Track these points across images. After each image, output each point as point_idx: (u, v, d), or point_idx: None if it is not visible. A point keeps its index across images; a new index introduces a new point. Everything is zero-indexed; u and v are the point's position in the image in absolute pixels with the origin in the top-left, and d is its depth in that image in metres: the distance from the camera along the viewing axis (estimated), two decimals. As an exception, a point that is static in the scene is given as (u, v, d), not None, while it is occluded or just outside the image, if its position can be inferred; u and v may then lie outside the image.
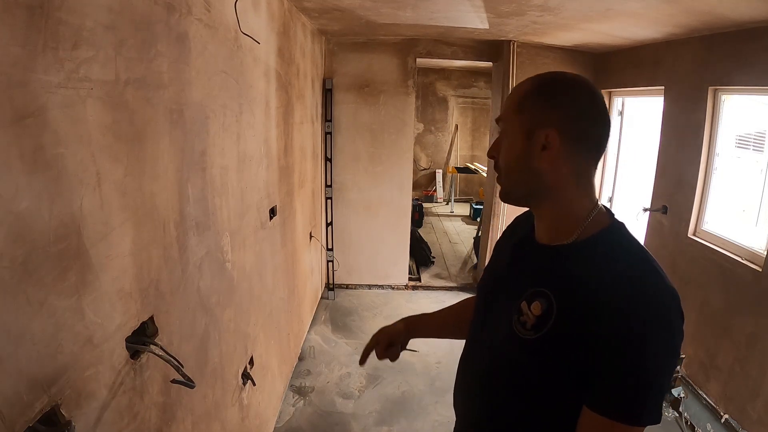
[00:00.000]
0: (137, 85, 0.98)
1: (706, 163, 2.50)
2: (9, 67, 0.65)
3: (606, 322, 0.65)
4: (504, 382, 0.79)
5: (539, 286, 0.75)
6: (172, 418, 1.19)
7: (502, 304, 0.82)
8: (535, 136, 0.74)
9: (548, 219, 0.79)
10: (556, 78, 0.76)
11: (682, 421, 2.40)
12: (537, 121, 0.74)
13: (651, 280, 0.69)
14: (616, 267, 0.70)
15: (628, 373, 0.65)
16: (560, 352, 0.70)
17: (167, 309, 1.15)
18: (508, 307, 0.79)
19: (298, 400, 2.55)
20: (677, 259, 2.65)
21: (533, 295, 0.74)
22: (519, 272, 0.82)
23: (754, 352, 2.07)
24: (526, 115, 0.75)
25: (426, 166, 7.77)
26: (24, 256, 0.69)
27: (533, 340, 0.72)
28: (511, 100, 0.78)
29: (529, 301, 0.74)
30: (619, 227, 0.77)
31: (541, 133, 0.73)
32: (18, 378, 0.68)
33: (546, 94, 0.75)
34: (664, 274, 0.70)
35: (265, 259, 2.09)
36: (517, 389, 0.77)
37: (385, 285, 4.09)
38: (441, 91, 7.50)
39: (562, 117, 0.73)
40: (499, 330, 0.80)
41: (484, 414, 0.85)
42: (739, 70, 2.24)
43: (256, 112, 1.89)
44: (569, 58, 3.58)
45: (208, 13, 1.35)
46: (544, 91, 0.75)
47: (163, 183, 1.12)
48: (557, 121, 0.73)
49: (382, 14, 2.72)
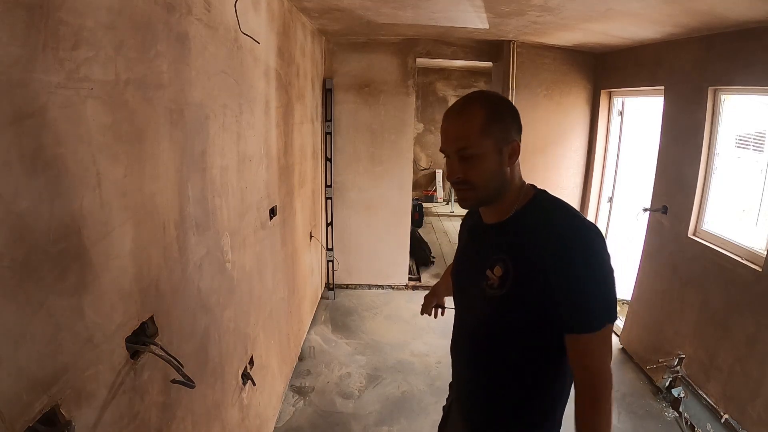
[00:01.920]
0: (137, 85, 0.98)
1: (706, 163, 2.50)
2: (9, 67, 0.65)
3: (552, 262, 0.86)
4: (484, 336, 1.00)
5: (496, 254, 0.95)
6: (172, 418, 1.19)
7: (471, 277, 1.02)
8: (503, 151, 0.93)
9: (497, 205, 0.98)
10: (494, 100, 0.95)
11: (682, 421, 2.40)
12: (503, 139, 0.92)
13: (576, 221, 0.91)
14: (549, 221, 0.92)
15: (580, 291, 0.85)
16: (523, 300, 0.90)
17: (167, 309, 1.15)
18: (476, 277, 0.99)
19: (298, 400, 2.55)
20: (677, 259, 2.65)
21: (493, 262, 0.95)
22: (478, 250, 1.04)
23: (754, 352, 2.07)
24: (492, 138, 0.91)
25: (426, 166, 7.77)
26: (24, 256, 0.69)
27: (500, 296, 0.93)
28: (468, 128, 0.91)
29: (492, 267, 0.95)
30: (542, 193, 0.99)
31: (507, 147, 0.93)
32: (18, 378, 0.68)
33: (500, 115, 0.93)
34: (582, 216, 0.94)
35: (265, 259, 2.09)
36: (494, 340, 0.98)
37: (385, 285, 4.09)
38: (441, 91, 7.50)
39: (515, 128, 0.95)
40: (474, 296, 1.00)
41: (473, 366, 1.05)
42: (739, 70, 2.24)
43: (256, 112, 1.89)
44: (569, 58, 3.58)
45: (208, 13, 1.35)
46: (497, 115, 0.93)
47: (163, 183, 1.12)
48: (515, 133, 0.94)
49: (382, 14, 2.72)
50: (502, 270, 0.93)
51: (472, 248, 1.07)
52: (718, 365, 2.28)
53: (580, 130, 3.77)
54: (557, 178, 3.83)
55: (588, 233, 0.88)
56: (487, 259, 0.96)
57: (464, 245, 1.14)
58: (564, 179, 3.85)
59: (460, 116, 0.93)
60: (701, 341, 2.42)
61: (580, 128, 3.77)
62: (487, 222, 1.02)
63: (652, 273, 2.93)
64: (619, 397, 2.64)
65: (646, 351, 2.88)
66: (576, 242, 0.86)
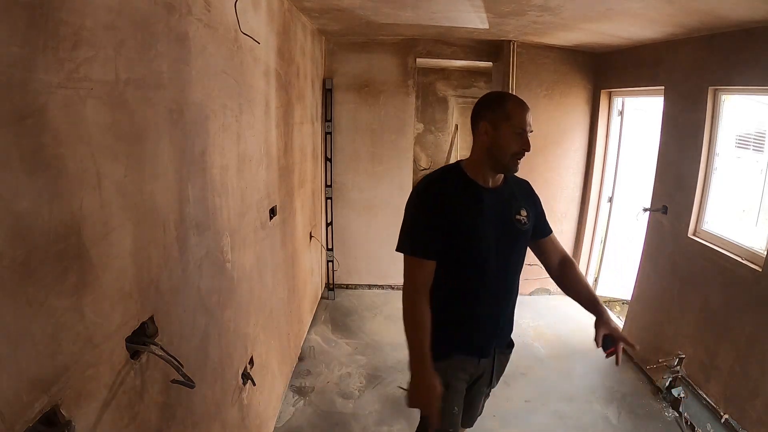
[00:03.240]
0: (137, 85, 0.98)
1: (706, 163, 2.50)
2: (9, 67, 0.65)
3: (532, 198, 1.50)
4: (518, 261, 1.45)
5: (517, 202, 1.42)
6: (172, 418, 1.19)
7: (501, 224, 1.38)
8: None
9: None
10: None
11: (682, 421, 2.40)
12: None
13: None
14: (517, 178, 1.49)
15: (543, 211, 1.54)
16: (534, 224, 1.46)
17: (167, 309, 1.15)
18: (506, 223, 1.39)
19: (298, 400, 2.54)
20: (677, 259, 2.65)
21: (518, 207, 1.41)
22: (499, 205, 1.39)
23: (754, 352, 2.07)
24: None
25: (426, 166, 7.76)
26: (24, 256, 0.69)
27: (528, 226, 1.43)
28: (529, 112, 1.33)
29: (518, 211, 1.41)
30: None
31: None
32: (18, 378, 0.68)
33: None
34: None
35: (265, 259, 2.09)
36: (522, 260, 1.47)
37: (385, 285, 4.09)
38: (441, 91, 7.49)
39: None
40: (509, 235, 1.39)
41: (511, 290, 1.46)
42: (739, 70, 2.24)
43: (256, 112, 1.89)
44: (569, 58, 3.58)
45: (208, 13, 1.35)
46: None
47: (163, 183, 1.12)
48: None
49: (382, 14, 2.72)
50: (526, 211, 1.42)
51: (491, 205, 1.36)
52: (718, 365, 2.28)
53: (580, 130, 3.77)
54: (557, 178, 3.83)
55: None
56: (512, 207, 1.40)
57: (479, 208, 1.35)
58: (564, 179, 3.85)
59: (525, 104, 1.33)
60: (701, 341, 2.42)
61: (580, 128, 3.77)
62: (493, 186, 1.39)
63: (652, 273, 2.93)
64: (619, 397, 2.65)
65: (646, 351, 2.87)
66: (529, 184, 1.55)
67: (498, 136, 1.30)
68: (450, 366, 1.40)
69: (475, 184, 1.37)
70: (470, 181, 1.37)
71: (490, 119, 1.31)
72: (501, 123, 1.30)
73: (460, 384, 1.44)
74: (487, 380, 1.54)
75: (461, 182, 1.37)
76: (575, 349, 3.16)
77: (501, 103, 1.32)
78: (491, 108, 1.32)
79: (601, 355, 1.35)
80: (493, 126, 1.31)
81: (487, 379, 1.54)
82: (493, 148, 1.32)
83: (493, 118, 1.31)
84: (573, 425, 2.43)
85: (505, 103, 1.32)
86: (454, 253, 1.35)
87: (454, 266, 1.36)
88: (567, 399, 2.64)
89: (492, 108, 1.32)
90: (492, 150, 1.32)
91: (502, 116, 1.30)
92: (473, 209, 1.35)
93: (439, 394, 1.30)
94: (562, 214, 3.91)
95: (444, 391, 1.33)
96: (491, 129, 1.31)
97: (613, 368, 2.91)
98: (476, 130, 1.36)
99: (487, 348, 1.46)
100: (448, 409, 1.38)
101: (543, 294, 4.06)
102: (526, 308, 3.75)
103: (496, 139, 1.31)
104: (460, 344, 1.42)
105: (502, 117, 1.30)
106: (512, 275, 1.45)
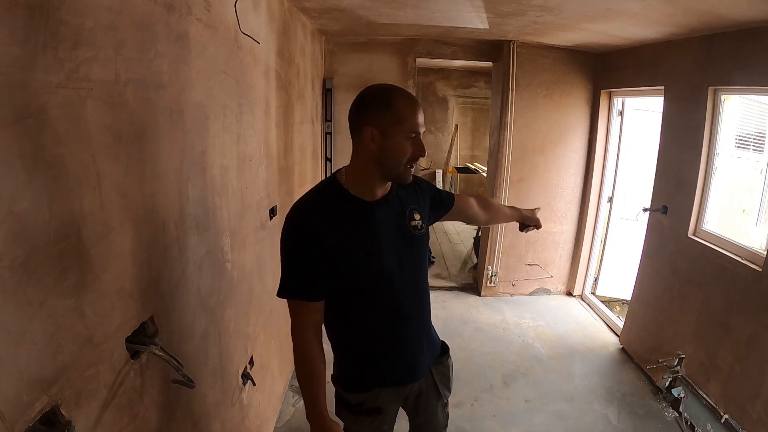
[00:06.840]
0: (137, 85, 0.98)
1: (706, 163, 2.50)
2: (9, 67, 0.65)
3: (417, 188, 1.33)
4: (421, 267, 1.31)
5: (408, 207, 1.26)
6: (172, 418, 1.19)
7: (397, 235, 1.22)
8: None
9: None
10: None
11: (682, 421, 2.40)
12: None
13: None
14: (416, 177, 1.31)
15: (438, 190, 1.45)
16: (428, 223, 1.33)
17: (167, 309, 1.15)
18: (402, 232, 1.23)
19: (298, 400, 2.54)
20: (677, 259, 2.65)
21: (410, 212, 1.25)
22: (389, 215, 1.21)
23: (754, 352, 2.07)
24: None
25: (426, 166, 7.77)
26: (24, 256, 0.69)
27: (424, 229, 1.29)
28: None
29: (411, 217, 1.25)
30: None
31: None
32: (18, 378, 0.68)
33: None
34: None
35: (265, 259, 2.09)
36: (425, 255, 1.33)
37: (385, 285, 4.08)
38: (441, 91, 7.50)
39: None
40: (407, 243, 1.23)
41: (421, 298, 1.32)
42: (739, 70, 2.24)
43: (256, 112, 1.89)
44: (569, 58, 3.58)
45: (208, 13, 1.35)
46: None
47: (163, 183, 1.12)
48: None
49: (382, 14, 2.72)
50: (419, 213, 1.27)
51: (383, 220, 1.19)
52: (718, 365, 2.28)
53: (580, 130, 3.77)
54: (557, 177, 3.83)
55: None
56: (403, 214, 1.24)
57: (373, 230, 1.17)
58: (564, 179, 3.85)
59: (416, 101, 1.16)
60: (701, 341, 2.42)
61: (580, 128, 3.77)
62: (381, 196, 1.20)
63: (652, 273, 2.93)
64: (619, 397, 2.65)
65: (646, 351, 2.88)
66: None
67: (388, 145, 1.09)
68: (380, 394, 1.29)
69: (362, 203, 1.16)
70: (354, 199, 1.15)
71: (377, 124, 1.08)
72: (391, 128, 1.08)
73: (393, 407, 1.36)
74: (434, 394, 1.40)
75: (343, 204, 1.15)
76: (575, 349, 3.16)
77: (388, 104, 1.08)
78: (377, 110, 1.08)
79: (602, 355, 1.37)
80: (382, 132, 1.08)
81: (434, 393, 1.39)
82: (383, 158, 1.10)
83: (380, 123, 1.08)
84: (573, 425, 2.43)
85: (393, 103, 1.08)
86: (351, 285, 1.17)
87: (354, 298, 1.20)
88: (567, 399, 2.64)
89: (378, 110, 1.08)
90: (382, 160, 1.11)
91: (391, 120, 1.07)
92: (366, 234, 1.15)
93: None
94: (562, 214, 3.91)
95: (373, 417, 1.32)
96: (379, 136, 1.08)
97: (613, 368, 2.92)
98: (358, 136, 1.12)
99: (417, 368, 1.32)
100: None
101: (543, 294, 4.07)
102: (526, 308, 3.75)
103: (386, 147, 1.09)
104: (386, 376, 1.29)
105: (391, 121, 1.07)
106: (419, 283, 1.29)
